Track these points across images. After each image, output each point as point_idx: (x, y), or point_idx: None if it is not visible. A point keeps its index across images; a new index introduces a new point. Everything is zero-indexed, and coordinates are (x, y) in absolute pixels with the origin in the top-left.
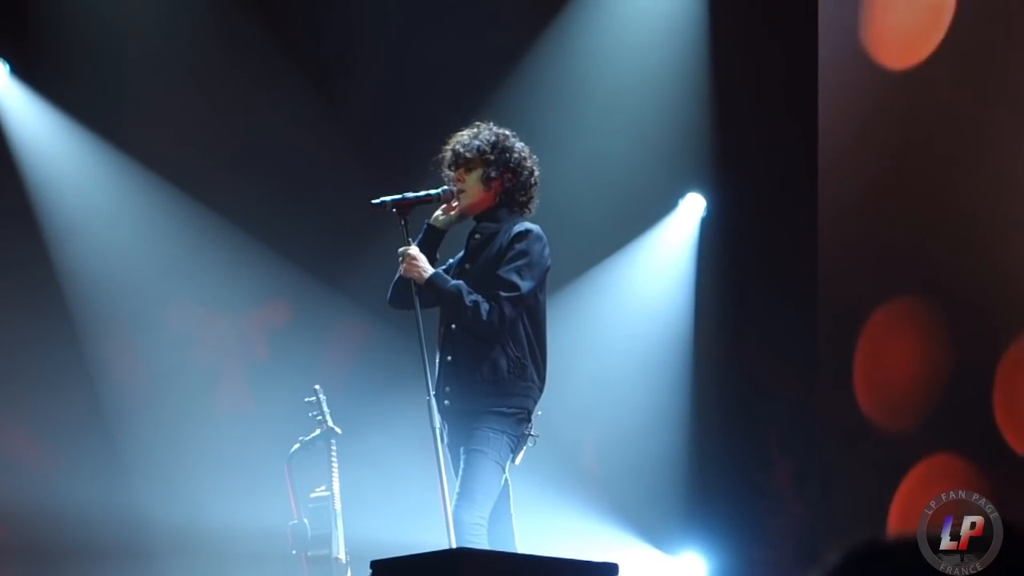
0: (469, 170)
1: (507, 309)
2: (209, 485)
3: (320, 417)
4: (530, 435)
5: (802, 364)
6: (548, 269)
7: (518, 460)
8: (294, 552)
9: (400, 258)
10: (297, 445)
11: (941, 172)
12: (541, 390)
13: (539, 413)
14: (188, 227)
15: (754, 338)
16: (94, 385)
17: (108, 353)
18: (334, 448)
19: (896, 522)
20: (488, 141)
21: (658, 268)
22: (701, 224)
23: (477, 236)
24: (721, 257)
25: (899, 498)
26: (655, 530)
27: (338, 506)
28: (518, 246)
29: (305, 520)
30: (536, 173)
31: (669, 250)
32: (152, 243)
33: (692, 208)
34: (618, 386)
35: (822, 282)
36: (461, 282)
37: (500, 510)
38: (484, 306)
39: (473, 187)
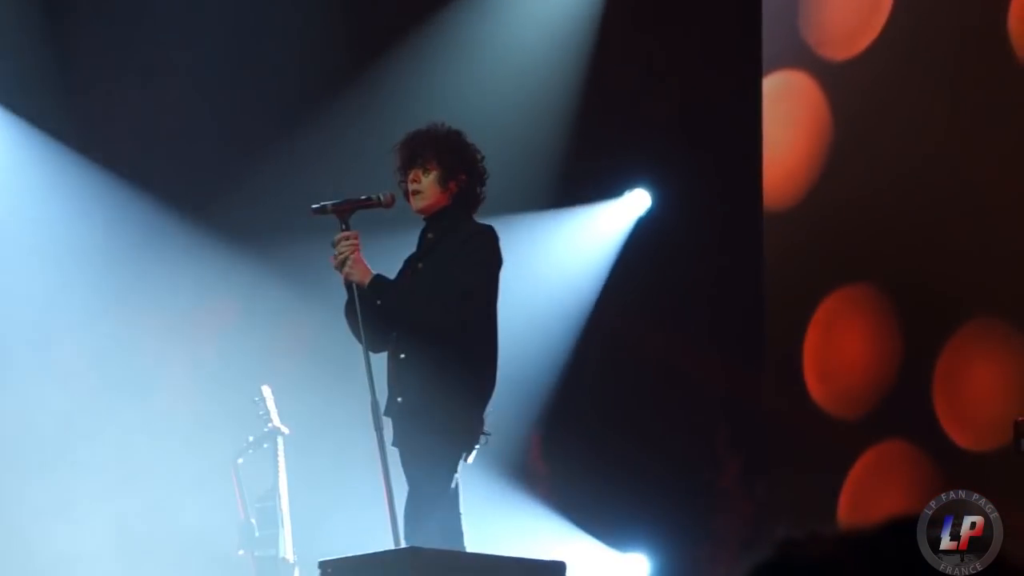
0: (426, 171)
1: (459, 307)
2: (155, 485)
3: (266, 416)
4: (482, 433)
5: (749, 360)
6: (500, 268)
7: (470, 459)
8: (241, 552)
9: (337, 259)
10: (244, 446)
11: (887, 162)
12: (493, 389)
13: (490, 410)
14: (130, 222)
15: (700, 334)
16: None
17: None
18: (281, 448)
19: (845, 509)
20: (446, 143)
21: (584, 255)
22: (644, 219)
23: (431, 235)
24: (664, 253)
25: (848, 485)
26: (601, 528)
27: (285, 506)
28: (473, 245)
29: (252, 520)
30: (486, 173)
31: (599, 238)
32: (92, 240)
33: (635, 202)
34: (561, 382)
35: (769, 275)
36: (402, 284)
37: (450, 509)
38: (433, 305)
39: (429, 188)
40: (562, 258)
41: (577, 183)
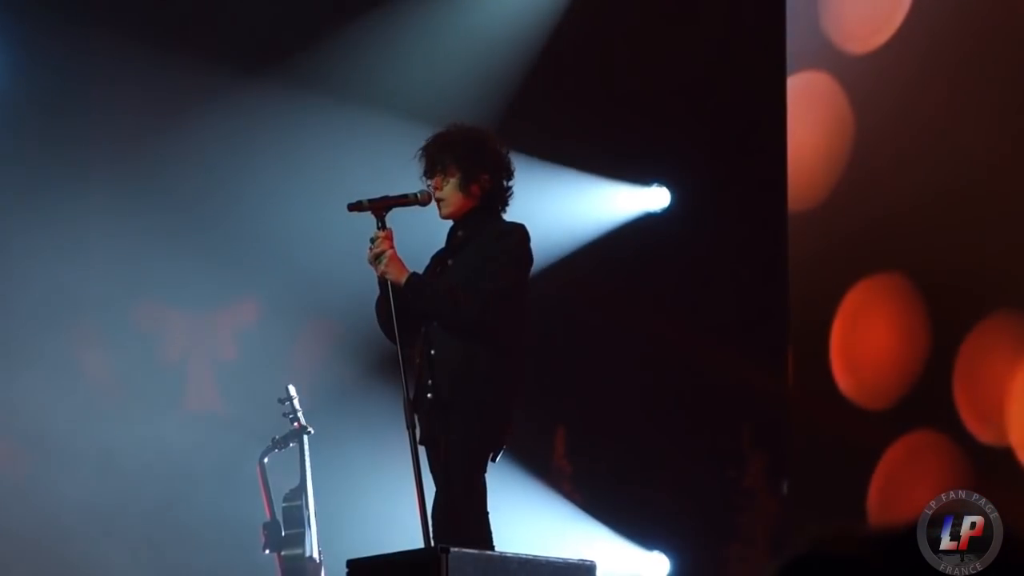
0: (446, 178)
1: (490, 305)
2: (179, 486)
3: (293, 416)
4: (510, 432)
5: (774, 356)
6: (531, 265)
7: (498, 458)
8: (267, 552)
9: (373, 254)
10: (269, 444)
11: (910, 159)
12: (522, 387)
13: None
14: (154, 223)
15: (724, 331)
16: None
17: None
18: (307, 447)
19: (875, 502)
20: (463, 146)
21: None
22: (669, 216)
23: (460, 233)
24: (689, 250)
25: (878, 477)
26: (625, 526)
27: (311, 505)
28: (504, 244)
29: (278, 519)
30: (512, 170)
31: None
32: (117, 239)
33: (654, 196)
34: (585, 380)
35: (793, 269)
36: (437, 281)
37: (478, 508)
38: (469, 301)
39: (452, 195)
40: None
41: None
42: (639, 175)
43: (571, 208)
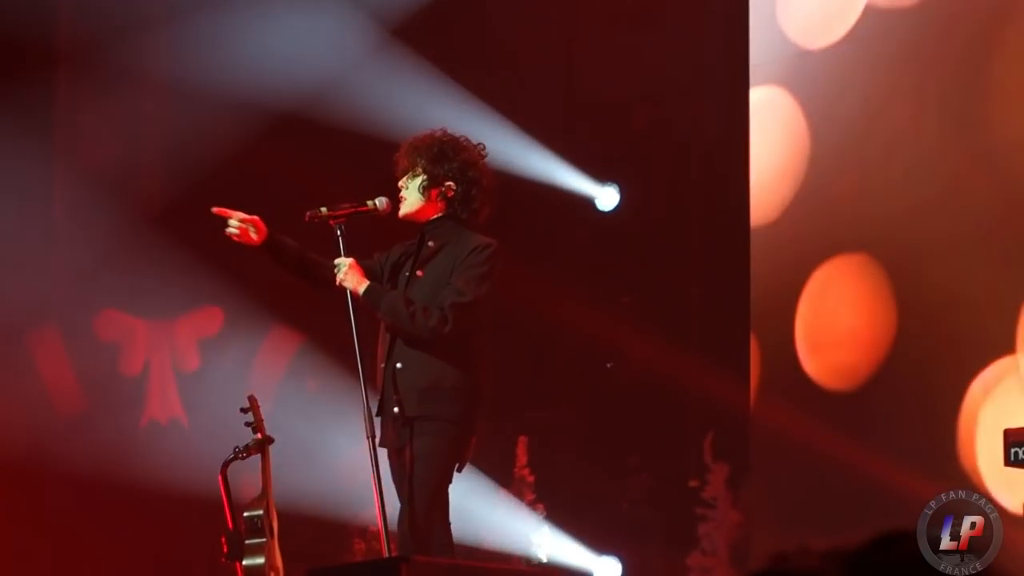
0: (412, 177)
1: (454, 316)
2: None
3: (254, 425)
4: (473, 444)
5: (736, 368)
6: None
7: (463, 468)
8: (227, 561)
9: (335, 269)
10: (231, 454)
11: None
12: (486, 398)
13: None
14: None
15: (687, 340)
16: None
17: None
18: (269, 456)
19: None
20: (435, 150)
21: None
22: (629, 224)
23: (430, 243)
24: (649, 257)
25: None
26: (588, 536)
27: (274, 515)
28: (475, 257)
29: (240, 529)
30: (483, 184)
31: None
32: (77, 247)
33: (607, 195)
34: (547, 390)
35: (754, 278)
36: (397, 292)
37: (441, 518)
38: (427, 312)
39: (412, 195)
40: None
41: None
42: (595, 175)
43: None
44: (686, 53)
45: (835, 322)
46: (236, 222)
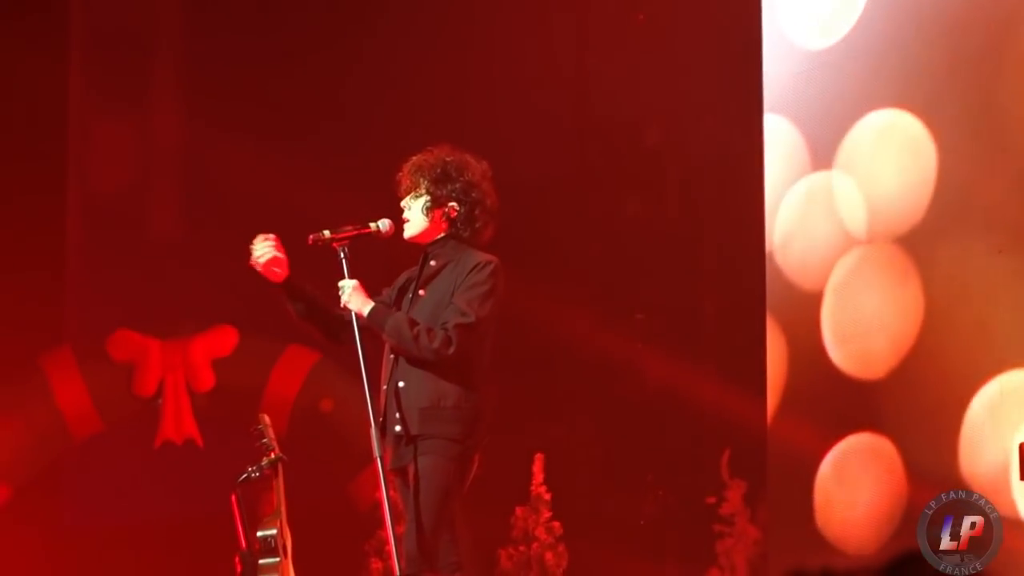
0: (415, 198)
1: (458, 337)
2: (154, 516)
3: (267, 444)
4: (477, 462)
5: (754, 385)
6: (499, 300)
7: (467, 487)
8: None
9: (340, 291)
10: (244, 474)
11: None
12: (490, 417)
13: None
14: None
15: (704, 358)
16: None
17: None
18: (281, 476)
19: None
20: (437, 170)
21: None
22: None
23: (432, 263)
24: (666, 275)
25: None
26: (606, 554)
27: (287, 534)
28: (476, 276)
29: (253, 549)
30: (486, 204)
31: None
32: (91, 267)
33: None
34: (563, 407)
35: (771, 299)
36: (401, 313)
37: (449, 537)
38: (432, 334)
39: (415, 217)
40: None
41: None
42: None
43: None
44: (699, 70)
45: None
46: (265, 248)
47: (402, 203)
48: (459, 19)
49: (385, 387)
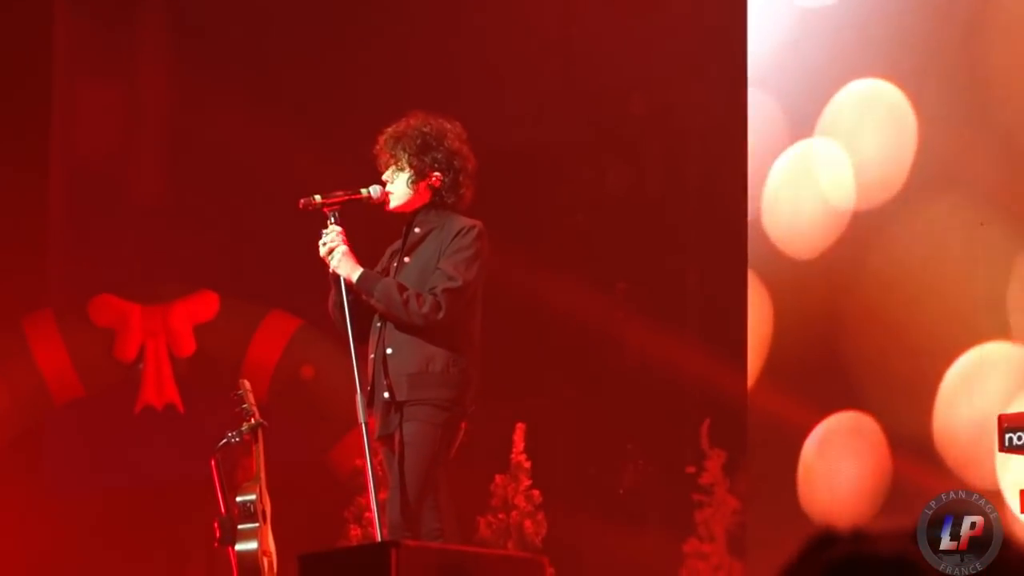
0: (397, 171)
1: (447, 302)
2: (134, 481)
3: (247, 410)
4: (464, 427)
5: (732, 352)
6: (486, 264)
7: (453, 452)
8: (219, 546)
9: (326, 249)
10: (224, 440)
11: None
12: (477, 383)
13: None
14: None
15: (685, 326)
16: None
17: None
18: (261, 441)
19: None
20: (417, 141)
21: None
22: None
23: (417, 230)
24: (648, 245)
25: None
26: (584, 525)
27: (267, 500)
28: (460, 241)
29: (232, 514)
30: (468, 168)
31: None
32: (73, 231)
33: None
34: (543, 376)
35: (752, 270)
36: (390, 279)
37: (434, 502)
38: (421, 299)
39: (400, 189)
40: None
41: None
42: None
43: None
44: (684, 39)
45: (830, 312)
46: (335, 235)
47: (384, 176)
48: None
49: (373, 355)
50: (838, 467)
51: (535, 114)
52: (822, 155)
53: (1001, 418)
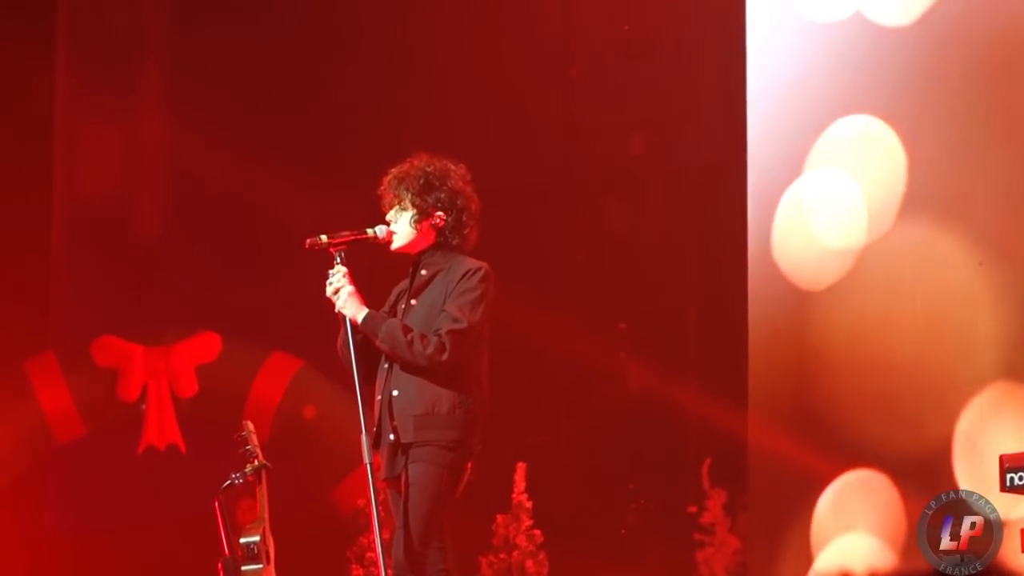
0: (400, 211)
1: (451, 343)
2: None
3: (251, 451)
4: (470, 469)
5: (732, 391)
6: (491, 304)
7: (459, 494)
8: None
9: (332, 289)
10: (228, 481)
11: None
12: (483, 424)
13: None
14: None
15: (685, 366)
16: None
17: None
18: (264, 483)
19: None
20: (420, 181)
21: None
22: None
23: (423, 272)
24: (648, 284)
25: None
26: (587, 562)
27: (270, 541)
28: (466, 283)
29: (236, 555)
30: (472, 209)
31: None
32: (76, 273)
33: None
34: (545, 415)
35: (752, 306)
36: (395, 320)
37: (439, 543)
38: (425, 341)
39: (403, 229)
40: None
41: None
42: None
43: None
44: (683, 79)
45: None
46: (341, 275)
47: (387, 217)
48: (446, 27)
49: (379, 397)
50: (852, 522)
51: (535, 154)
52: (822, 193)
53: (1002, 458)
